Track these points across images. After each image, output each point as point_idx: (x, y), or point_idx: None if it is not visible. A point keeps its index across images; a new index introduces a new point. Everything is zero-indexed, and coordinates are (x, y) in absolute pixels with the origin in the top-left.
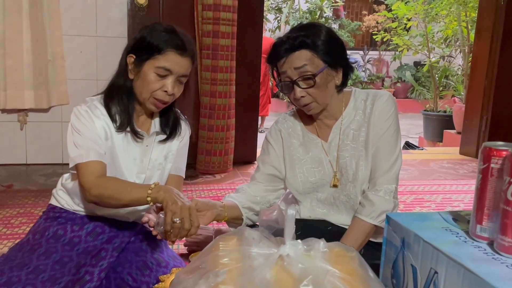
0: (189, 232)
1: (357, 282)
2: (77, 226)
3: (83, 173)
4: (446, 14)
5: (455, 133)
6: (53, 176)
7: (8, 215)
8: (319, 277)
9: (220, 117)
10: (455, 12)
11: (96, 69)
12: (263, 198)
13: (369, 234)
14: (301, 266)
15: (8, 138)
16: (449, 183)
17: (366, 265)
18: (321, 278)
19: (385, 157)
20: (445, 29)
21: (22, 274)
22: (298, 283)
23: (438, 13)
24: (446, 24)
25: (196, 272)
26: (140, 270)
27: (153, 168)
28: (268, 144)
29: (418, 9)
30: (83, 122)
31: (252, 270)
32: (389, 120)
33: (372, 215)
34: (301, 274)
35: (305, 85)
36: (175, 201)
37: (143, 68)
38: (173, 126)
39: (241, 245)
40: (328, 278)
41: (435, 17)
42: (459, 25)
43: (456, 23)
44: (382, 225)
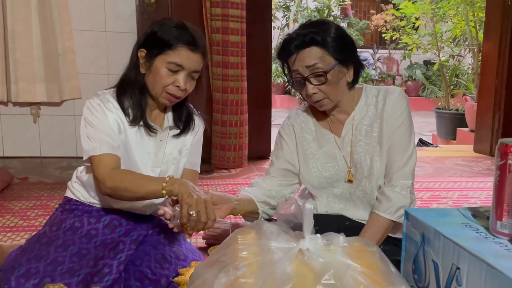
0: (206, 225)
1: (378, 277)
2: (94, 219)
3: (97, 166)
4: (454, 14)
5: (468, 131)
6: (68, 169)
7: (24, 207)
8: (340, 272)
9: (233, 112)
10: (463, 12)
11: (107, 64)
12: (278, 192)
13: (387, 230)
14: (322, 260)
15: (22, 131)
16: (464, 180)
17: (387, 260)
18: (343, 272)
19: (399, 152)
20: (453, 28)
21: (40, 266)
22: (319, 277)
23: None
24: (454, 23)
25: (216, 265)
26: (159, 263)
27: (167, 162)
28: (281, 139)
29: (426, 8)
30: (96, 115)
31: (272, 264)
32: (401, 116)
33: (389, 211)
34: (322, 268)
35: (317, 82)
36: (191, 194)
37: (154, 63)
38: (186, 121)
39: (260, 239)
40: (349, 273)
41: (443, 16)
42: (467, 25)
43: (464, 22)
44: (400, 220)
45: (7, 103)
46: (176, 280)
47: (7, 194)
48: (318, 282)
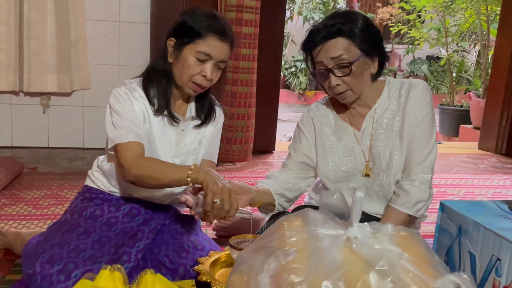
0: (228, 214)
1: (425, 265)
2: (114, 207)
3: (122, 154)
4: (465, 7)
5: (472, 128)
6: (75, 159)
7: (36, 196)
8: (393, 259)
9: (241, 105)
10: (475, 6)
11: (119, 55)
12: (294, 185)
13: (403, 224)
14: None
15: (31, 121)
16: (470, 177)
17: (431, 249)
18: (396, 260)
19: (420, 146)
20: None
21: (63, 253)
22: (371, 265)
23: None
24: (465, 17)
25: (263, 251)
26: (177, 252)
27: (187, 153)
28: (300, 132)
29: (437, 2)
30: (123, 103)
31: (321, 251)
32: (424, 109)
33: (407, 205)
34: (375, 256)
35: (341, 73)
36: (216, 182)
37: (183, 52)
38: (208, 112)
39: (306, 226)
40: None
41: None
42: (478, 19)
43: (475, 17)
44: (417, 214)
45: (18, 93)
46: (197, 268)
47: (18, 184)
48: (372, 268)
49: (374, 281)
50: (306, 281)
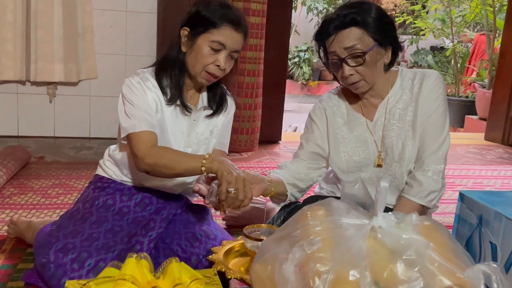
0: (242, 203)
1: (450, 255)
2: (126, 197)
3: (136, 143)
4: None
5: (477, 119)
6: (82, 149)
7: (44, 185)
8: (421, 249)
9: (248, 95)
10: None
11: (125, 44)
12: (306, 175)
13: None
14: (405, 237)
15: (38, 110)
16: (478, 168)
17: (454, 239)
18: (423, 250)
19: (433, 137)
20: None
21: (77, 241)
22: (398, 254)
23: None
24: (471, 8)
25: (286, 240)
26: (189, 241)
27: (199, 142)
28: (312, 122)
29: None
30: (136, 93)
31: (347, 240)
32: (437, 100)
33: (420, 195)
34: (403, 245)
35: (354, 63)
36: (230, 171)
37: (197, 41)
38: (219, 102)
39: (330, 215)
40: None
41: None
42: (483, 9)
43: (481, 7)
44: (429, 205)
45: (24, 82)
46: (210, 258)
47: (26, 173)
48: (399, 258)
49: (401, 270)
50: (332, 270)
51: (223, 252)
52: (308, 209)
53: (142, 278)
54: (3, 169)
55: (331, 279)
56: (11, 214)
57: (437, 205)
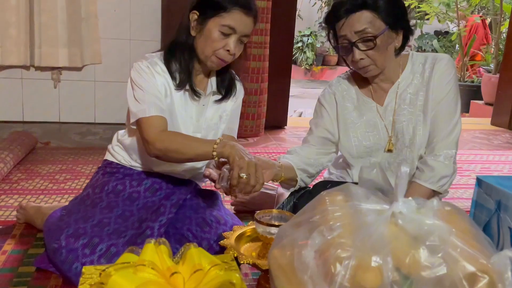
0: (254, 188)
1: (472, 240)
2: (136, 182)
3: (146, 128)
4: None
5: (483, 104)
6: (87, 134)
7: (52, 171)
8: (444, 235)
9: (254, 80)
10: None
11: (129, 29)
12: (316, 160)
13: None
14: (428, 223)
15: (42, 96)
16: (485, 153)
17: (475, 224)
18: (446, 235)
19: (444, 121)
20: None
21: (88, 227)
22: (421, 240)
23: None
24: None
25: (305, 225)
26: (200, 226)
27: (208, 128)
28: (322, 107)
29: None
30: (144, 77)
31: (368, 226)
32: (449, 84)
33: (431, 180)
34: (426, 231)
35: (365, 47)
36: (242, 156)
37: (207, 25)
38: (228, 87)
39: (349, 201)
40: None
41: None
42: None
43: None
44: (441, 190)
45: (29, 68)
46: (222, 243)
47: (33, 158)
48: (422, 244)
49: (424, 256)
50: (354, 256)
51: (235, 237)
52: (326, 194)
53: (161, 264)
54: (9, 155)
55: (353, 265)
56: (19, 199)
57: (447, 190)
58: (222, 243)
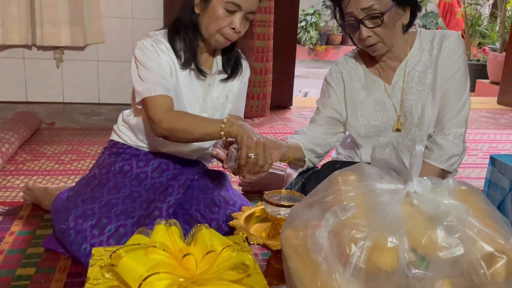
0: (262, 169)
1: (488, 220)
2: (143, 163)
3: (152, 107)
4: None
5: (489, 83)
6: (92, 115)
7: (57, 151)
8: (461, 215)
9: (259, 59)
10: None
11: (131, 7)
12: (324, 140)
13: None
14: (446, 202)
15: (45, 76)
16: (492, 132)
17: (491, 203)
18: (464, 215)
19: (454, 100)
20: None
21: (96, 207)
22: (438, 220)
23: None
24: None
25: (318, 206)
26: (208, 207)
27: (214, 108)
28: (329, 87)
29: None
30: (149, 55)
31: (382, 206)
32: (458, 62)
33: (441, 159)
34: (444, 211)
35: (372, 24)
36: (250, 136)
37: (211, 3)
38: (234, 66)
39: (363, 181)
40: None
41: None
42: None
43: None
44: (450, 169)
45: (31, 47)
46: (231, 223)
47: (37, 139)
48: (439, 224)
49: (441, 237)
50: (369, 237)
51: (244, 218)
52: (339, 174)
53: (173, 246)
54: (14, 135)
55: (368, 246)
56: (26, 180)
57: (457, 170)
58: (231, 223)
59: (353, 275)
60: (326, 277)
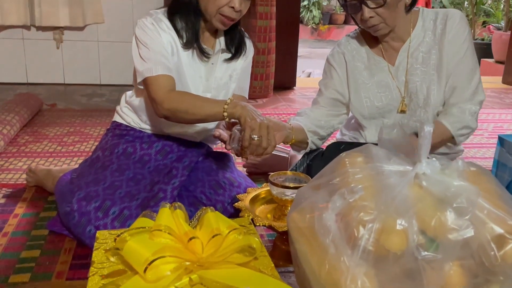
0: (266, 151)
1: (499, 202)
2: (146, 145)
3: (153, 87)
4: None
5: (493, 62)
6: (93, 96)
7: (59, 133)
8: (472, 197)
9: (261, 39)
10: None
11: None
12: (327, 122)
13: (443, 142)
14: (456, 184)
15: (45, 57)
16: (497, 112)
17: (501, 185)
18: (474, 197)
19: (466, 82)
20: None
21: (99, 190)
22: (448, 202)
23: None
24: None
25: (325, 188)
26: (213, 189)
27: (218, 87)
28: (331, 68)
29: None
30: (150, 34)
31: (391, 188)
32: (465, 43)
33: (455, 125)
34: (454, 193)
35: (374, 4)
36: (254, 117)
37: None
38: (238, 45)
39: (370, 162)
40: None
41: None
42: None
43: None
44: (458, 140)
45: (30, 27)
46: (237, 205)
47: (39, 120)
48: (449, 206)
49: (451, 219)
50: (378, 219)
51: (249, 200)
52: (345, 156)
53: (178, 229)
54: (15, 117)
55: (377, 228)
56: (28, 162)
57: (462, 149)
58: (236, 205)
59: (361, 257)
60: (334, 260)
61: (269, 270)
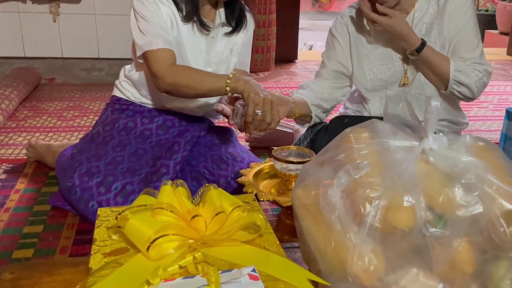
0: (269, 126)
1: (508, 177)
2: (147, 119)
3: (154, 61)
4: None
5: (498, 34)
6: (92, 70)
7: (58, 108)
8: (481, 172)
9: (261, 11)
10: None
11: None
12: (330, 95)
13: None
14: (464, 160)
15: (42, 30)
16: (502, 84)
17: (510, 160)
18: (483, 173)
19: (469, 52)
20: None
21: (101, 165)
22: (456, 178)
23: None
24: None
25: (330, 164)
26: (216, 164)
27: (219, 62)
28: (334, 39)
29: None
30: (149, 7)
31: (397, 164)
32: (467, 13)
33: (459, 65)
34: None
35: None
36: (257, 92)
37: None
38: (238, 18)
39: (376, 138)
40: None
41: None
42: None
43: None
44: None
45: (25, 1)
46: (240, 180)
47: (38, 95)
48: (457, 182)
49: (459, 195)
50: (384, 195)
51: (252, 174)
52: (350, 131)
53: (181, 207)
54: (14, 92)
55: (383, 205)
56: (28, 137)
57: (466, 122)
58: (240, 180)
59: (368, 234)
60: (340, 237)
61: (274, 247)
